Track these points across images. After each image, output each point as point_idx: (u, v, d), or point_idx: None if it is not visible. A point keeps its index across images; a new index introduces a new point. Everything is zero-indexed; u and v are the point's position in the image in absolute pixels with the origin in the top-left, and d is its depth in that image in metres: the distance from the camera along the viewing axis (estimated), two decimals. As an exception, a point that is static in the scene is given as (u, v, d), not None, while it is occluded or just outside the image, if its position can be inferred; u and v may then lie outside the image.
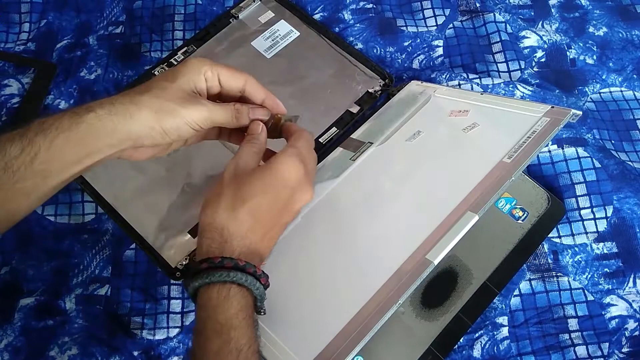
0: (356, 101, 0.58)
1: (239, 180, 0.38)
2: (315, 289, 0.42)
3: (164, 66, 0.60)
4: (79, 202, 0.55)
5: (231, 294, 0.34)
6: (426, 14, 0.67)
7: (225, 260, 0.35)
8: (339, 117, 0.57)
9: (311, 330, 0.38)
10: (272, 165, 0.38)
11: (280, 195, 0.38)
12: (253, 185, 0.37)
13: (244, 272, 0.35)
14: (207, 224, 0.37)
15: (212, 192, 0.38)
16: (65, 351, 0.48)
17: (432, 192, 0.44)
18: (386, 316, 0.33)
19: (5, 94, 0.61)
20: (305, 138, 0.41)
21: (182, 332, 0.49)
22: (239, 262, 0.35)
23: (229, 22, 0.63)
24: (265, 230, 0.38)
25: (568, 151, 0.56)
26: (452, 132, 0.48)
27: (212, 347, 0.33)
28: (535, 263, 0.51)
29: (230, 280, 0.34)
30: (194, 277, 0.35)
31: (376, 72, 0.60)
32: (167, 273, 0.49)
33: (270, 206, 0.38)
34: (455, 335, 0.46)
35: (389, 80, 0.59)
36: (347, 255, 0.43)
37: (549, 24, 0.66)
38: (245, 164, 0.39)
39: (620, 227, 0.53)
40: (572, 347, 0.48)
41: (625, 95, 0.61)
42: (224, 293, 0.34)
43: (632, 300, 0.50)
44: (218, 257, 0.35)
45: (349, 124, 0.57)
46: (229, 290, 0.34)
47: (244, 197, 0.37)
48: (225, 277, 0.34)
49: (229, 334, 0.33)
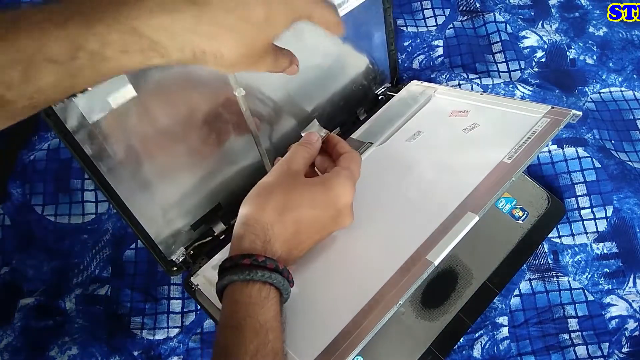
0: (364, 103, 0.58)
1: (291, 184, 0.38)
2: (315, 289, 0.41)
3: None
4: (79, 202, 0.55)
5: (271, 295, 0.34)
6: (426, 14, 0.67)
7: (269, 261, 0.34)
8: (347, 117, 0.57)
9: (311, 331, 0.38)
10: (327, 183, 0.38)
11: (326, 214, 0.38)
12: (304, 195, 0.37)
13: (282, 276, 0.35)
14: (254, 218, 0.36)
15: (262, 187, 0.38)
16: (65, 351, 0.48)
17: (432, 192, 0.44)
18: (386, 316, 0.33)
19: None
20: (358, 162, 0.41)
21: (182, 332, 0.49)
22: (279, 265, 0.35)
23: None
24: (300, 241, 0.38)
25: (568, 151, 0.56)
26: (452, 132, 0.48)
27: (250, 346, 0.32)
28: (535, 263, 0.51)
29: (271, 281, 0.34)
30: (233, 270, 0.34)
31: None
32: (166, 266, 0.48)
33: (313, 220, 0.38)
34: (455, 335, 0.46)
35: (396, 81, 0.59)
36: (348, 256, 0.43)
37: (549, 24, 0.66)
38: (298, 166, 0.39)
39: (620, 227, 0.53)
40: (572, 347, 0.48)
41: (625, 95, 0.61)
42: (264, 293, 0.34)
43: (632, 300, 0.50)
44: (262, 255, 0.35)
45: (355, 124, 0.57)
46: (269, 292, 0.34)
47: (292, 204, 0.37)
48: (268, 278, 0.34)
49: (267, 336, 0.33)
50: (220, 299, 0.35)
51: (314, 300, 0.41)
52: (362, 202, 0.47)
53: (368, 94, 0.59)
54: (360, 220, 0.45)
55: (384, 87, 0.60)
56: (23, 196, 0.56)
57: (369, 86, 0.59)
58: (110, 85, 0.37)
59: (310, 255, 0.44)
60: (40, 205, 0.55)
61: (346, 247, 0.43)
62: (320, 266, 0.43)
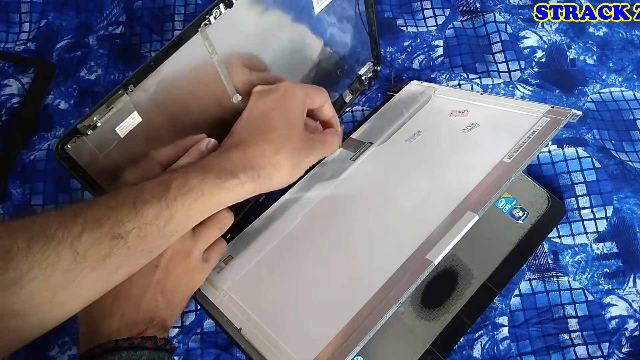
0: (349, 86, 0.59)
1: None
2: (315, 288, 0.42)
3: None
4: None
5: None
6: (426, 14, 0.67)
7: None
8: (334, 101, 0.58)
9: (311, 330, 0.38)
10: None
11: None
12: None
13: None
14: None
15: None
16: (65, 351, 0.48)
17: (432, 192, 0.44)
18: (386, 316, 0.33)
19: (5, 94, 0.61)
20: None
21: (182, 332, 0.49)
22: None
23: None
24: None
25: (568, 151, 0.56)
26: (452, 132, 0.48)
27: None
28: (535, 263, 0.51)
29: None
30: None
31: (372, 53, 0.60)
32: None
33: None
34: (455, 335, 0.46)
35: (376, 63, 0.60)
36: (348, 255, 0.43)
37: (549, 24, 0.66)
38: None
39: (620, 227, 0.53)
40: (572, 347, 0.48)
41: (625, 95, 0.61)
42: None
43: (632, 300, 0.50)
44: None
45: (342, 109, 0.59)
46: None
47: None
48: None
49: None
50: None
51: (313, 299, 0.41)
52: (362, 202, 0.47)
53: (352, 75, 0.60)
54: (360, 220, 0.45)
55: (366, 66, 0.60)
56: (23, 196, 0.56)
57: (353, 68, 0.59)
58: (117, 116, 0.37)
59: (310, 255, 0.44)
60: (40, 205, 0.55)
61: (345, 246, 0.44)
62: (320, 266, 0.43)
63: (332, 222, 0.46)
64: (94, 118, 0.36)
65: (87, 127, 0.36)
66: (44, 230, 0.29)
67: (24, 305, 0.28)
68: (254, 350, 0.40)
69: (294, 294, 0.42)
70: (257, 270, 0.45)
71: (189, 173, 0.35)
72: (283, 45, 0.48)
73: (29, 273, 0.28)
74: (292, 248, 0.46)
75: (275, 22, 0.45)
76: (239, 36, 0.43)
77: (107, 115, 0.36)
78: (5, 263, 0.27)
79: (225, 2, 0.39)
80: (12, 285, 0.28)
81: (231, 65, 0.43)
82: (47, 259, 0.28)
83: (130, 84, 0.37)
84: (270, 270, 0.45)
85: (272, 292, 0.43)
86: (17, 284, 0.28)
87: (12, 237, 0.28)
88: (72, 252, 0.29)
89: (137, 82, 0.37)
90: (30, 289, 0.28)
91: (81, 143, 0.36)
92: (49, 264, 0.28)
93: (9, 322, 0.28)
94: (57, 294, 0.29)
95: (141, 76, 0.37)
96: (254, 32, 0.44)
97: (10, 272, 0.27)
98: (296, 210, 0.49)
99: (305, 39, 0.50)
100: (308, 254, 0.45)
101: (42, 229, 0.29)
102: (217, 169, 0.36)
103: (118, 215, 0.31)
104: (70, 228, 0.30)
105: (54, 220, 0.30)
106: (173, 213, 0.33)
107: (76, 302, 0.31)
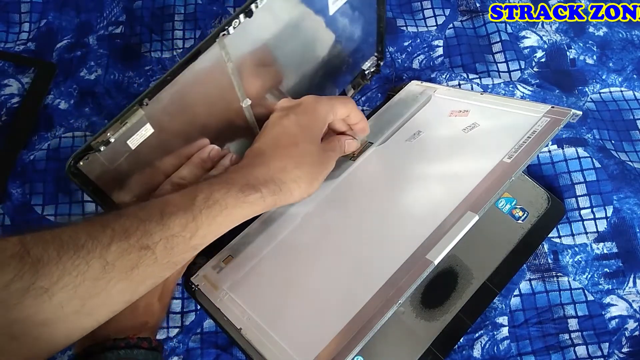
0: (351, 81, 0.59)
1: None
2: (315, 288, 0.42)
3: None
4: (79, 202, 0.55)
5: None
6: (426, 14, 0.67)
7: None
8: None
9: (311, 330, 0.38)
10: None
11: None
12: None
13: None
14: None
15: None
16: (65, 351, 0.48)
17: (432, 192, 0.44)
18: (386, 316, 0.33)
19: (5, 94, 0.61)
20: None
21: (182, 332, 0.49)
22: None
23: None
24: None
25: (568, 151, 0.56)
26: (452, 132, 0.48)
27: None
28: (535, 263, 0.51)
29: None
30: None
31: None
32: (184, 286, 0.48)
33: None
34: (455, 335, 0.46)
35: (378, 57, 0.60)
36: (348, 255, 0.43)
37: (549, 24, 0.66)
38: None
39: (620, 227, 0.53)
40: (572, 347, 0.48)
41: (625, 95, 0.61)
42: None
43: (632, 300, 0.50)
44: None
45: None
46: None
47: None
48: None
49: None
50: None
51: (313, 299, 0.41)
52: (362, 202, 0.47)
53: (355, 70, 0.60)
54: (360, 220, 0.45)
55: (370, 61, 0.60)
56: (23, 196, 0.56)
57: (357, 63, 0.60)
58: (130, 130, 0.37)
59: (310, 255, 0.44)
60: (40, 205, 0.55)
61: (345, 246, 0.44)
62: (320, 266, 0.43)
63: (332, 222, 0.46)
64: (108, 134, 0.36)
65: (101, 144, 0.36)
66: (73, 240, 0.29)
67: (54, 314, 0.28)
68: (254, 350, 0.40)
69: (294, 294, 0.42)
70: (257, 270, 0.45)
71: (213, 186, 0.36)
72: (295, 46, 0.48)
73: (59, 282, 0.28)
74: (293, 248, 0.46)
75: (290, 25, 0.45)
76: (253, 42, 0.43)
77: (120, 131, 0.36)
78: (36, 271, 0.28)
79: (246, 12, 0.39)
80: (43, 293, 0.28)
81: (243, 69, 0.43)
82: (77, 267, 0.29)
83: (146, 98, 0.37)
84: (270, 270, 0.45)
85: (272, 292, 0.43)
86: (47, 292, 0.28)
87: (43, 246, 0.29)
88: (102, 261, 0.30)
89: (152, 96, 0.37)
90: (60, 297, 0.28)
91: (93, 158, 0.36)
92: (79, 272, 0.29)
93: (39, 331, 0.28)
94: (86, 303, 0.30)
95: (157, 90, 0.37)
96: (268, 37, 0.44)
97: (41, 281, 0.28)
98: (296, 210, 0.49)
99: (317, 39, 0.50)
100: (308, 254, 0.45)
101: (72, 239, 0.29)
102: (240, 183, 0.37)
103: (146, 227, 0.32)
104: (99, 238, 0.30)
105: (83, 230, 0.30)
106: (199, 225, 0.34)
107: (103, 312, 0.32)
